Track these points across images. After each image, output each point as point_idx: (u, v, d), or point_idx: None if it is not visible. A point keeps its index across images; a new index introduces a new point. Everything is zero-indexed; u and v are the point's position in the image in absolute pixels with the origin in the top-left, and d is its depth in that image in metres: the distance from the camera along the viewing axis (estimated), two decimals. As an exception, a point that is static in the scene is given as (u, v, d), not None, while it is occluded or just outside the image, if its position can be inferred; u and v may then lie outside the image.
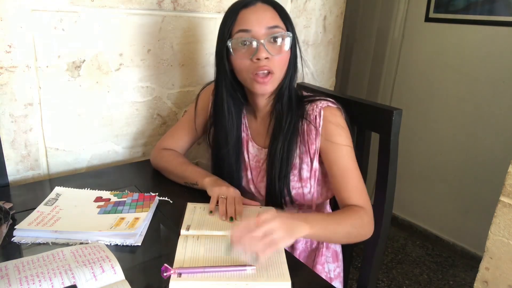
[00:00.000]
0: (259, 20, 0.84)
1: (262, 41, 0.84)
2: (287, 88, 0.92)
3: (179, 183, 1.04)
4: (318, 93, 1.00)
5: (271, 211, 0.68)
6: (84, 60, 1.10)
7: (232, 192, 0.90)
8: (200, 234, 0.78)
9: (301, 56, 0.94)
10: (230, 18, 0.87)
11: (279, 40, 0.86)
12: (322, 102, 0.91)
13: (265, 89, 0.88)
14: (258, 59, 0.84)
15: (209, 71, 1.37)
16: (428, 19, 2.12)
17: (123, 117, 1.23)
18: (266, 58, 0.84)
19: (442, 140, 2.16)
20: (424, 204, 2.31)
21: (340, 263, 1.06)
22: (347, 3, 1.79)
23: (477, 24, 1.93)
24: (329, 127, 0.89)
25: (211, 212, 0.86)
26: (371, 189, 0.96)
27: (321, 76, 1.78)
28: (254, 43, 0.84)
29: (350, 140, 0.89)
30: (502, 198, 0.92)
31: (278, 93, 0.93)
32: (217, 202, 0.88)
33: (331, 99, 0.93)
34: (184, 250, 0.71)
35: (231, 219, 0.84)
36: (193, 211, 0.87)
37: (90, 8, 1.07)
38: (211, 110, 1.04)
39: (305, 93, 0.98)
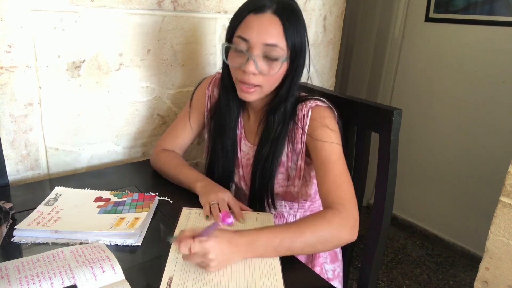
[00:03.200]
0: (260, 33, 0.81)
1: (254, 56, 0.81)
2: (284, 102, 0.89)
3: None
4: (315, 93, 0.98)
5: (219, 233, 0.67)
6: (84, 60, 1.10)
7: (221, 196, 0.88)
8: None
9: (308, 70, 0.91)
10: (238, 19, 0.85)
11: (272, 60, 0.83)
12: (312, 101, 0.90)
13: (247, 98, 0.87)
14: (244, 71, 0.83)
15: (209, 71, 1.37)
16: (428, 19, 2.13)
17: (123, 117, 1.23)
18: (254, 74, 0.83)
19: (442, 140, 2.17)
20: (424, 204, 2.31)
21: (340, 263, 1.06)
22: (347, 3, 1.79)
23: (477, 24, 1.93)
24: (315, 126, 0.87)
25: (207, 217, 0.85)
26: (371, 189, 0.96)
27: (321, 76, 1.78)
28: (247, 55, 0.82)
29: (337, 138, 0.87)
30: (502, 198, 0.92)
31: (273, 104, 0.91)
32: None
33: (322, 98, 0.91)
34: (176, 259, 0.70)
35: None
36: (188, 216, 0.86)
37: (90, 8, 1.07)
38: (207, 105, 1.05)
39: (302, 94, 0.96)
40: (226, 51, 0.87)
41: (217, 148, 1.00)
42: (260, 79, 0.84)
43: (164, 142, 1.10)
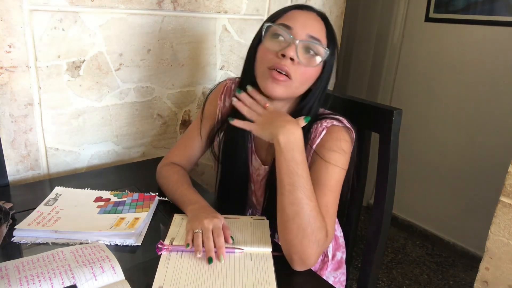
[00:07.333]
0: (305, 24, 0.79)
1: (297, 41, 0.78)
2: (308, 112, 0.85)
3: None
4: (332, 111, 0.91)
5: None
6: (84, 60, 1.10)
7: (206, 224, 0.76)
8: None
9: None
10: (279, 13, 0.83)
11: (313, 52, 0.80)
12: (328, 121, 0.84)
13: (275, 89, 0.80)
14: (283, 55, 0.77)
15: (209, 71, 1.37)
16: (428, 19, 2.13)
17: (123, 117, 1.23)
18: (292, 59, 0.78)
19: (442, 140, 2.17)
20: (424, 204, 2.31)
21: (343, 269, 1.05)
22: (347, 3, 1.78)
23: (477, 24, 1.93)
24: (326, 145, 0.82)
25: (188, 245, 0.74)
26: (371, 189, 0.95)
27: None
28: (289, 40, 0.78)
29: (344, 163, 0.81)
30: (502, 198, 0.92)
31: (295, 113, 0.84)
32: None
33: (340, 118, 0.85)
34: (166, 269, 0.68)
35: (210, 260, 0.71)
36: (180, 224, 0.84)
37: (90, 8, 1.07)
38: (218, 116, 0.98)
39: (321, 111, 0.90)
40: (266, 33, 0.82)
41: (230, 160, 0.94)
42: (294, 69, 0.79)
43: (171, 154, 1.02)
